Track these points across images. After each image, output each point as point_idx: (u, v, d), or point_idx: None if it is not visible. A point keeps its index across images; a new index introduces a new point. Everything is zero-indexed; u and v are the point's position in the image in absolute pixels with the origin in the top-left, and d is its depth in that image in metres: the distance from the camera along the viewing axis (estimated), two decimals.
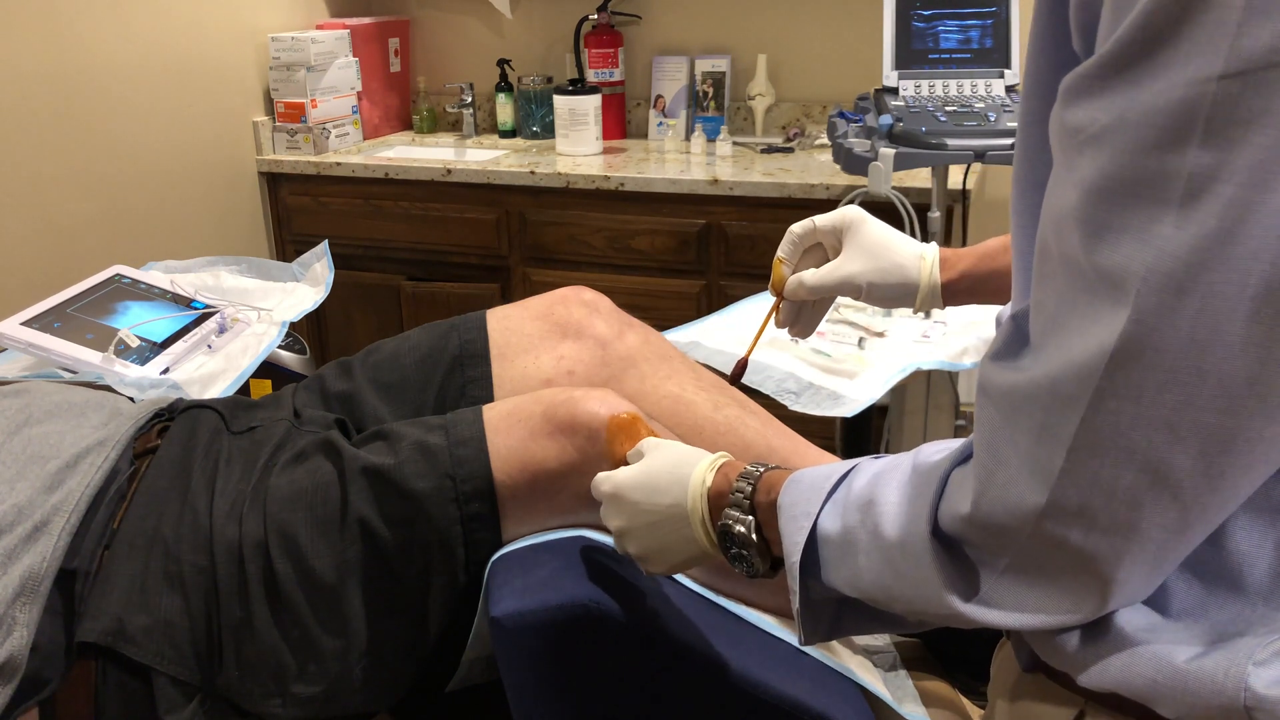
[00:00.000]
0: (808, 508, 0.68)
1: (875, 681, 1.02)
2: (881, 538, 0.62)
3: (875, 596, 0.64)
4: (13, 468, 1.01)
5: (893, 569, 0.62)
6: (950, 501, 0.59)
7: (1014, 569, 0.56)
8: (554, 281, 2.47)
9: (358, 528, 0.98)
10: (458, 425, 1.02)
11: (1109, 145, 0.48)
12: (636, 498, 0.84)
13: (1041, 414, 0.52)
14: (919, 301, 0.99)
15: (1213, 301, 0.46)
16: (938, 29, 2.05)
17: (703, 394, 1.17)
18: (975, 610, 0.58)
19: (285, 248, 2.78)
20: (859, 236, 0.99)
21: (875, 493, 0.64)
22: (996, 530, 0.55)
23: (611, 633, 0.89)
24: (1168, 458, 0.49)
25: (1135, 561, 0.52)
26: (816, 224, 1.02)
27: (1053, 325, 0.52)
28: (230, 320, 1.58)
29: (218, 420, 1.13)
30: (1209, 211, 0.45)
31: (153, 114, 2.36)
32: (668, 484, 0.82)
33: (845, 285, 0.98)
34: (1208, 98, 0.44)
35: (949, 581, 0.59)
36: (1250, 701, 0.52)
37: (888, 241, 0.99)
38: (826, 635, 0.73)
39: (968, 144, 1.86)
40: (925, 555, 0.59)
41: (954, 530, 0.58)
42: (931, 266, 0.99)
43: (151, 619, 0.96)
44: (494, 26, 3.02)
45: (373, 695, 1.00)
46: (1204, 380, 0.47)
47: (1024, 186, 0.62)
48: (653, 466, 0.84)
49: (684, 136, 2.82)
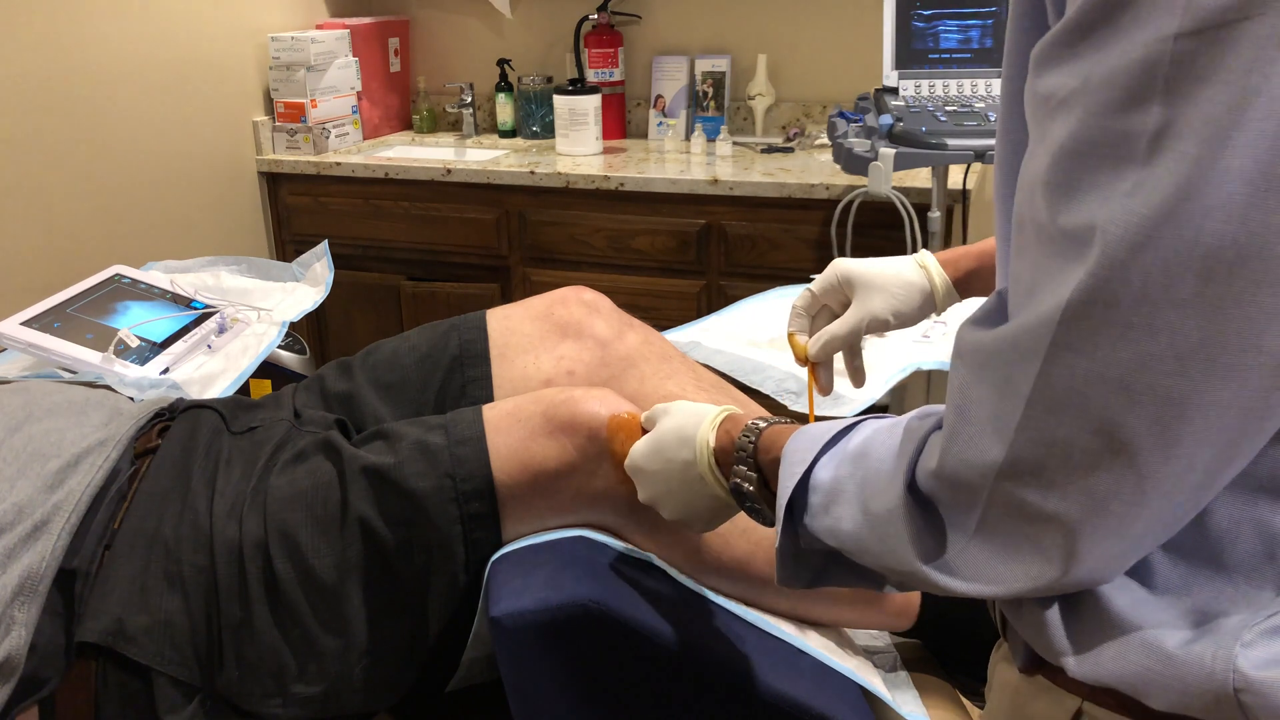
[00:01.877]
0: (804, 456, 0.69)
1: (875, 681, 1.02)
2: (865, 490, 0.64)
3: (850, 548, 0.65)
4: (14, 465, 1.01)
5: (870, 523, 0.63)
6: (925, 459, 0.60)
7: (981, 533, 0.56)
8: (554, 281, 2.47)
9: (358, 527, 0.98)
10: (457, 425, 1.02)
11: (1076, 108, 0.49)
12: (654, 467, 0.87)
13: (1004, 368, 0.52)
14: (940, 306, 1.00)
15: (1165, 256, 0.46)
16: (938, 29, 2.05)
17: (703, 394, 1.17)
18: (935, 574, 0.59)
19: (285, 248, 2.78)
20: (860, 280, 0.99)
21: (869, 447, 0.65)
22: (961, 486, 0.56)
23: (611, 632, 0.89)
24: (1123, 420, 0.49)
25: (1096, 531, 0.52)
26: (814, 291, 1.02)
27: (1027, 294, 0.52)
28: (230, 320, 1.58)
29: (218, 420, 1.13)
30: (1166, 168, 0.46)
31: (153, 114, 2.36)
32: (676, 448, 0.84)
33: (873, 323, 0.98)
34: (1166, 55, 0.45)
35: (916, 540, 0.59)
36: (1239, 683, 0.52)
37: (888, 270, 1.00)
38: (808, 584, 0.74)
39: (968, 144, 1.86)
40: (898, 511, 0.60)
41: (926, 487, 0.59)
42: (936, 270, 1.00)
43: (151, 619, 0.96)
44: (494, 26, 3.02)
45: (373, 695, 1.00)
46: (1156, 338, 0.47)
47: (1005, 168, 0.62)
48: (661, 432, 0.87)
49: (684, 136, 2.82)
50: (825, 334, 0.99)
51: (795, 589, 0.75)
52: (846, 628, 1.13)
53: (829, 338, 0.99)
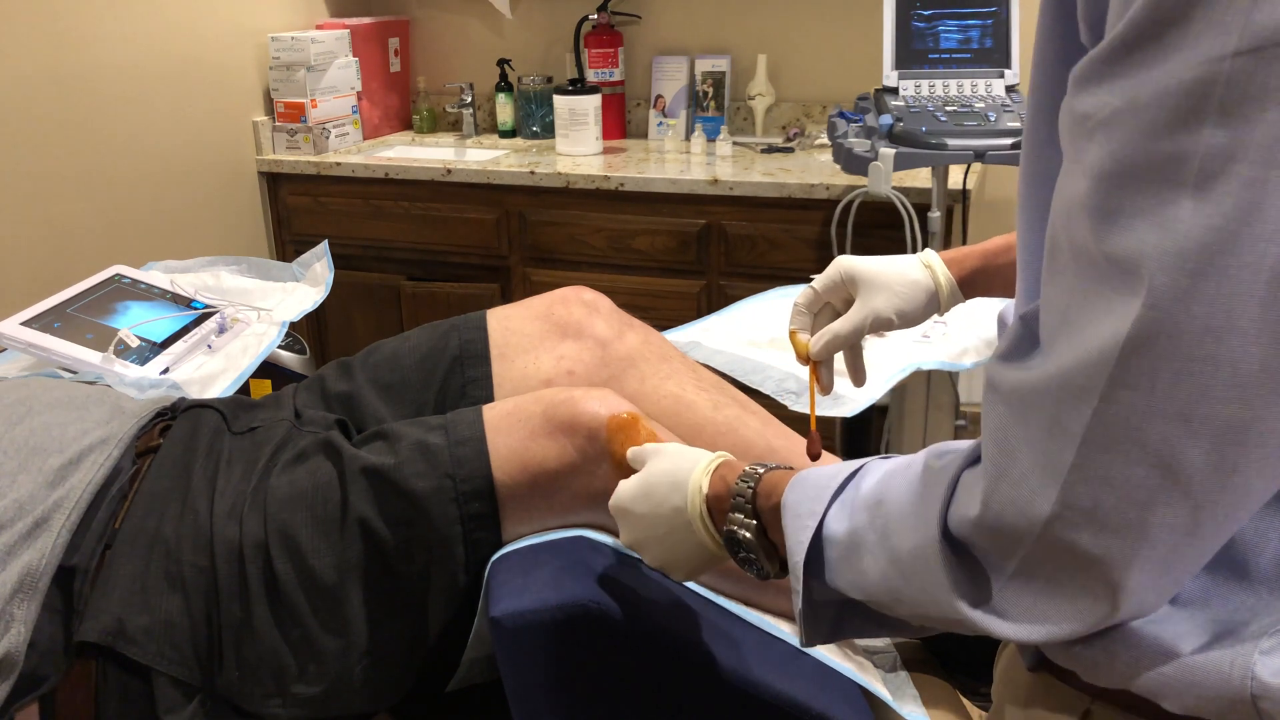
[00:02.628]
0: (813, 506, 0.67)
1: (875, 682, 1.02)
2: (890, 540, 0.61)
3: (881, 599, 0.63)
4: (15, 459, 1.01)
5: (900, 572, 0.61)
6: (960, 504, 0.57)
7: (1022, 574, 0.55)
8: (554, 281, 2.47)
9: (358, 528, 0.98)
10: (457, 425, 1.02)
11: (1120, 129, 0.47)
12: (640, 510, 0.83)
13: (1053, 408, 0.50)
14: (944, 306, 0.99)
15: (1228, 285, 0.45)
16: (938, 29, 2.05)
17: (703, 394, 1.17)
18: (982, 618, 0.57)
19: (285, 248, 2.78)
20: (864, 278, 0.98)
21: (885, 494, 0.63)
22: (1006, 532, 0.54)
23: (611, 632, 0.89)
24: (1180, 452, 0.47)
25: (1145, 566, 0.51)
26: (817, 289, 1.01)
27: (1063, 322, 0.51)
28: (230, 320, 1.58)
29: (219, 420, 1.13)
30: (1224, 192, 0.44)
31: (153, 114, 2.36)
32: (666, 492, 0.81)
33: (877, 322, 0.97)
34: (1221, 75, 0.43)
35: (958, 586, 0.57)
36: (1257, 690, 0.52)
37: (892, 269, 0.99)
38: (827, 637, 0.72)
39: (968, 144, 1.86)
40: (935, 559, 0.58)
41: (963, 534, 0.57)
42: (941, 270, 0.99)
43: (152, 619, 0.96)
44: (494, 26, 3.02)
45: (373, 695, 1.00)
46: (1218, 369, 0.46)
47: (1031, 184, 0.61)
48: (651, 475, 0.84)
49: (684, 136, 2.82)
50: (827, 332, 0.98)
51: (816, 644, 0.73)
52: None
53: (831, 336, 0.98)
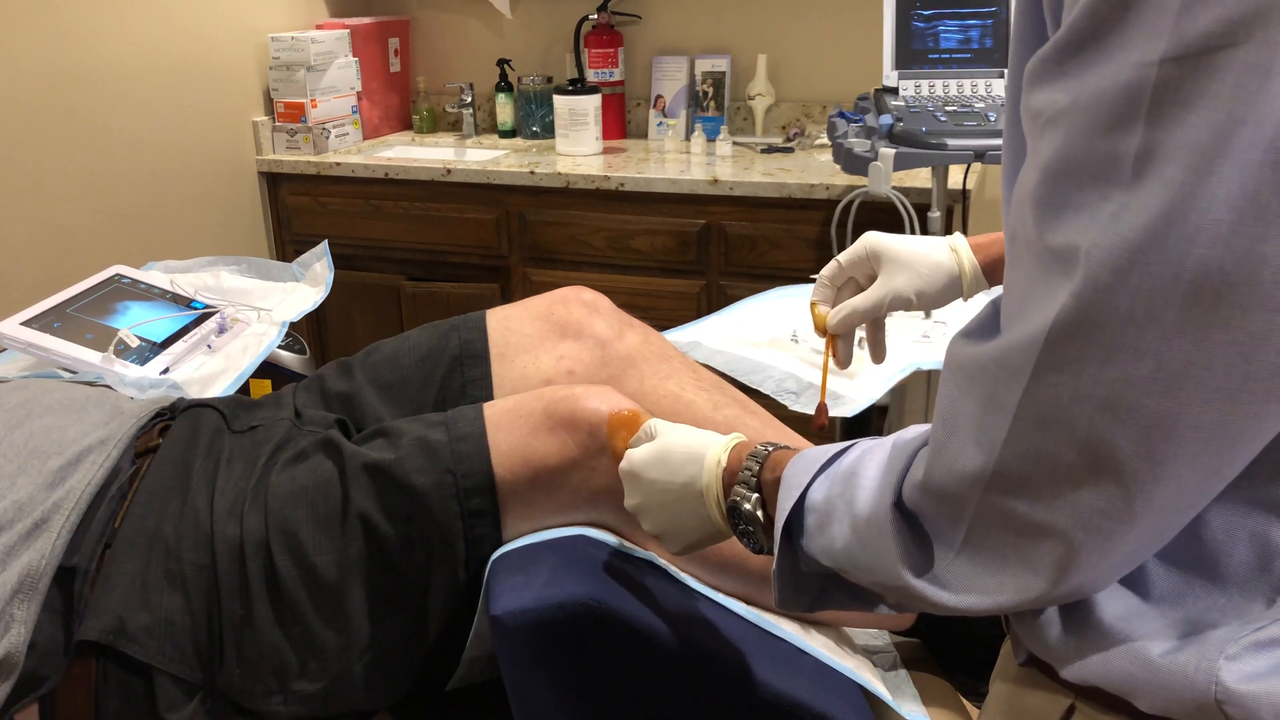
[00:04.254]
0: (801, 479, 0.69)
1: (875, 681, 1.02)
2: (854, 508, 0.64)
3: (844, 566, 0.66)
4: (14, 462, 1.01)
5: (859, 539, 0.63)
6: (912, 473, 0.60)
7: (970, 545, 0.56)
8: (554, 281, 2.47)
9: (359, 524, 0.98)
10: (458, 421, 1.02)
11: (1064, 127, 0.49)
12: (653, 475, 0.85)
13: (990, 384, 0.53)
14: (967, 290, 1.01)
15: (1149, 282, 0.46)
16: (938, 29, 2.05)
17: (702, 394, 1.17)
18: (924, 587, 0.59)
19: (285, 248, 2.78)
20: (888, 256, 0.99)
21: (859, 466, 0.65)
22: (947, 497, 0.56)
23: (612, 631, 0.89)
24: (1109, 439, 0.49)
25: (1085, 546, 0.52)
26: (841, 262, 1.02)
27: (1017, 306, 0.53)
28: (230, 320, 1.58)
29: (219, 419, 1.13)
30: (1151, 192, 0.46)
31: (153, 114, 2.36)
32: (682, 462, 0.83)
33: (896, 300, 0.98)
34: (1150, 80, 0.45)
35: (905, 555, 0.59)
36: (1221, 695, 0.52)
37: (917, 249, 1.00)
38: (808, 607, 0.74)
39: (968, 144, 1.86)
40: (886, 526, 0.60)
41: (912, 500, 0.59)
42: (966, 254, 1.00)
43: (152, 617, 0.96)
44: (494, 26, 3.02)
45: (373, 693, 1.00)
46: (1141, 360, 0.47)
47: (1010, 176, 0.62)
48: (668, 444, 0.85)
49: (684, 136, 2.82)
50: (847, 307, 0.99)
51: (796, 611, 0.74)
52: (846, 627, 1.13)
53: (850, 311, 0.99)
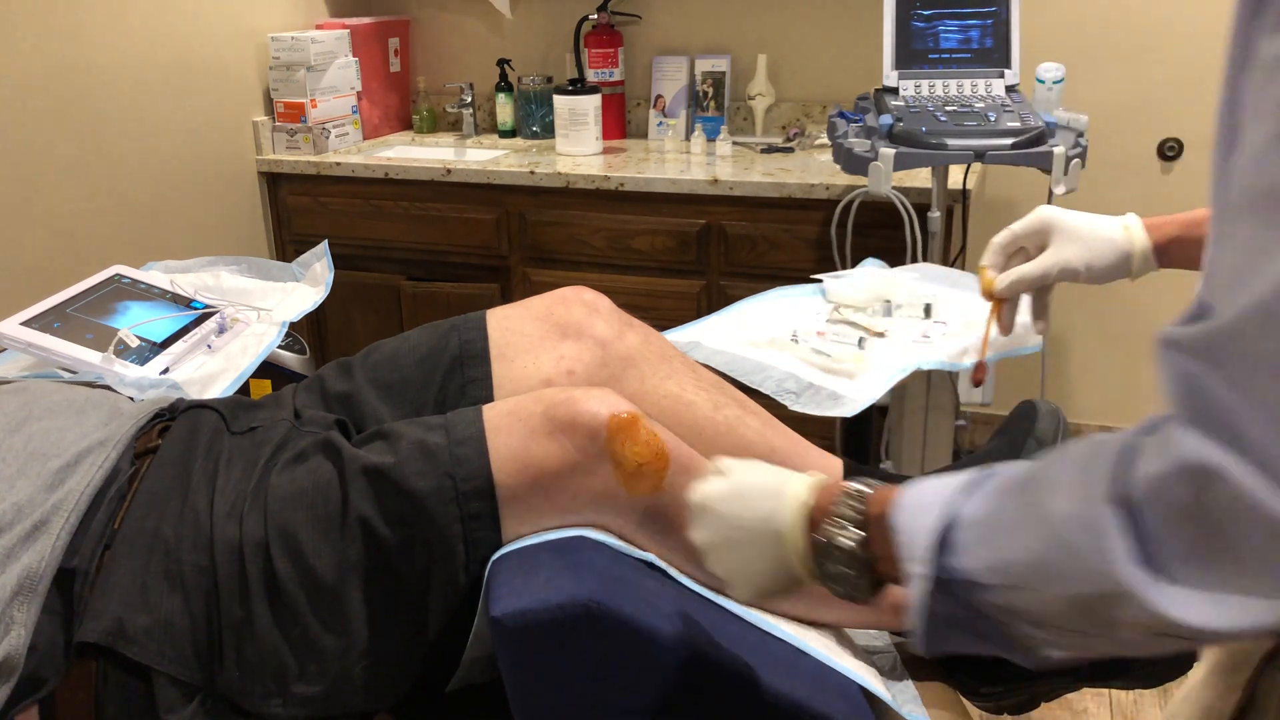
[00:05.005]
0: (937, 498, 0.63)
1: (875, 682, 1.02)
2: (1046, 511, 0.56)
3: (1026, 578, 0.57)
4: (13, 465, 1.01)
5: (1057, 542, 0.55)
6: (1147, 463, 0.52)
7: (1201, 542, 0.50)
8: (554, 281, 2.47)
9: (358, 527, 0.98)
10: (457, 424, 1.02)
11: None
12: (727, 510, 0.81)
13: (1252, 344, 0.47)
14: (1135, 270, 1.03)
15: None
16: (938, 29, 2.05)
17: (703, 394, 1.17)
18: (1151, 589, 0.51)
19: (285, 248, 2.78)
20: (1060, 228, 1.03)
21: (1036, 474, 0.59)
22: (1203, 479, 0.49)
23: (612, 632, 0.89)
24: None
25: None
26: (1015, 231, 1.06)
27: (1235, 273, 0.49)
28: (230, 320, 1.58)
29: (218, 420, 1.13)
30: None
31: (153, 113, 2.36)
32: (759, 498, 0.79)
33: (1064, 270, 1.02)
34: None
35: (1131, 551, 0.51)
36: None
37: (1091, 225, 1.03)
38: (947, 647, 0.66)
39: (968, 144, 1.86)
40: (1102, 526, 0.53)
41: (1147, 493, 0.52)
42: (1139, 233, 1.02)
43: (152, 619, 0.96)
44: (494, 26, 3.02)
45: (373, 695, 1.00)
46: None
47: (1224, 152, 0.58)
48: (746, 480, 0.82)
49: (684, 136, 2.82)
50: (1015, 273, 1.03)
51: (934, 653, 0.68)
52: (846, 628, 1.13)
53: (1017, 277, 1.03)
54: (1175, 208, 2.65)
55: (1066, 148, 1.89)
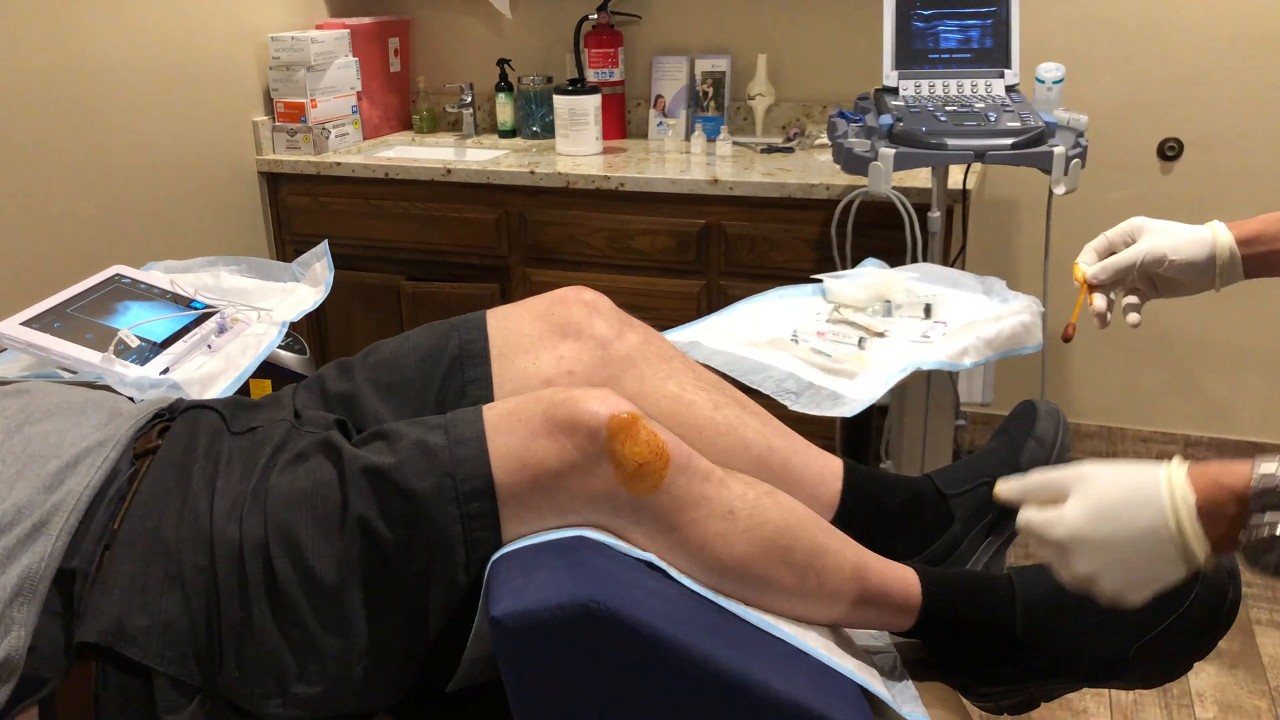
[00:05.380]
0: None
1: (875, 682, 1.02)
2: None
3: None
4: (13, 467, 1.01)
5: None
6: None
7: None
8: (554, 281, 2.47)
9: (358, 527, 0.98)
10: (457, 424, 1.02)
11: None
12: (1102, 533, 0.80)
13: None
14: (1219, 270, 1.10)
15: None
16: (938, 29, 2.05)
17: (703, 394, 1.17)
18: None
19: (285, 248, 2.78)
20: (1150, 227, 1.14)
21: None
22: None
23: (612, 633, 0.89)
24: None
25: None
26: (1108, 236, 1.16)
27: None
28: (230, 320, 1.58)
29: (218, 420, 1.13)
30: None
31: (153, 113, 2.36)
32: (1130, 510, 0.78)
33: (1151, 254, 1.11)
34: None
35: None
36: None
37: (1180, 225, 1.13)
38: None
39: (968, 144, 1.86)
40: None
41: None
42: (1225, 240, 1.09)
43: (151, 619, 0.96)
44: (494, 26, 3.02)
45: (373, 695, 1.00)
46: None
47: None
48: (1105, 497, 0.80)
49: (684, 136, 2.82)
50: (1108, 259, 1.13)
51: None
52: (846, 628, 1.13)
53: (1107, 262, 1.14)
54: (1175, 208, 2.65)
55: (1066, 148, 1.89)
